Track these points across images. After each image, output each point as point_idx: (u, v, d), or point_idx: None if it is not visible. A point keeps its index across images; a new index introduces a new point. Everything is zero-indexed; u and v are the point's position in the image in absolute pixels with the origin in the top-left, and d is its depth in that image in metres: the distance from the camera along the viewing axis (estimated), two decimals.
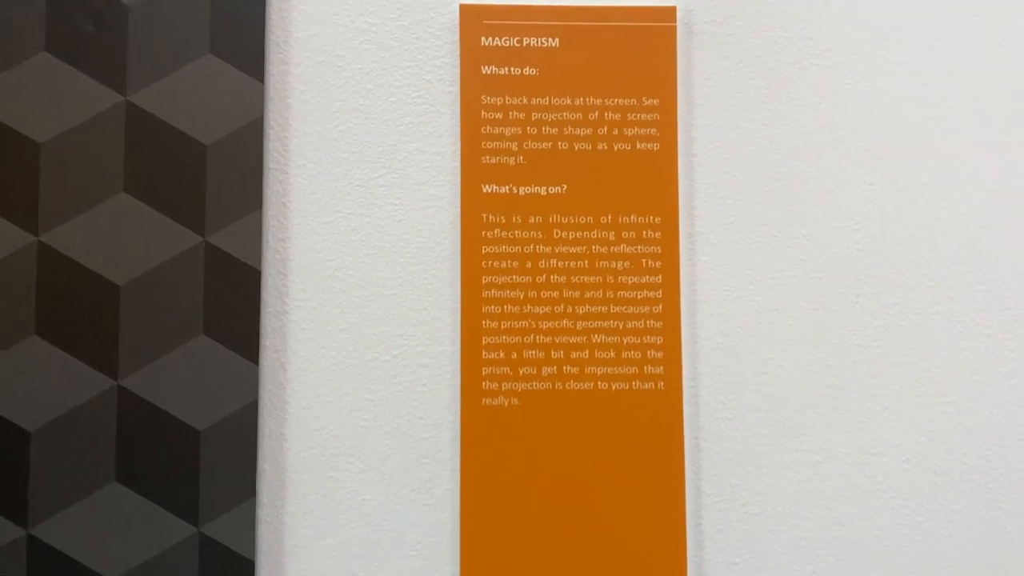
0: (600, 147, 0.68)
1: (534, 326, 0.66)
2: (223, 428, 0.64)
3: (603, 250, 0.67)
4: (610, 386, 0.66)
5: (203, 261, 0.65)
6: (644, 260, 0.67)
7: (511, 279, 0.66)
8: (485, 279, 0.66)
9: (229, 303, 0.65)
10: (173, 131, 0.66)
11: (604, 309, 0.66)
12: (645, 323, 0.66)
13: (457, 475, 0.66)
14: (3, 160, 0.65)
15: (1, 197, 0.65)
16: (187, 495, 0.64)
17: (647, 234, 0.67)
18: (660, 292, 0.67)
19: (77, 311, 0.64)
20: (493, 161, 0.67)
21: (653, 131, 0.68)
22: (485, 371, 0.66)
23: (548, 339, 0.66)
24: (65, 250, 0.65)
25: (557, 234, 0.67)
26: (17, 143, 0.65)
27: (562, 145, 0.68)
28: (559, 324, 0.66)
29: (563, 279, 0.67)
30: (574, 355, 0.66)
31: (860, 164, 0.69)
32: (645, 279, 0.67)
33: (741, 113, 0.69)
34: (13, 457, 0.63)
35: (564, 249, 0.67)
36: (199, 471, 0.64)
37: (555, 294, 0.67)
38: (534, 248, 0.67)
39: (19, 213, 0.65)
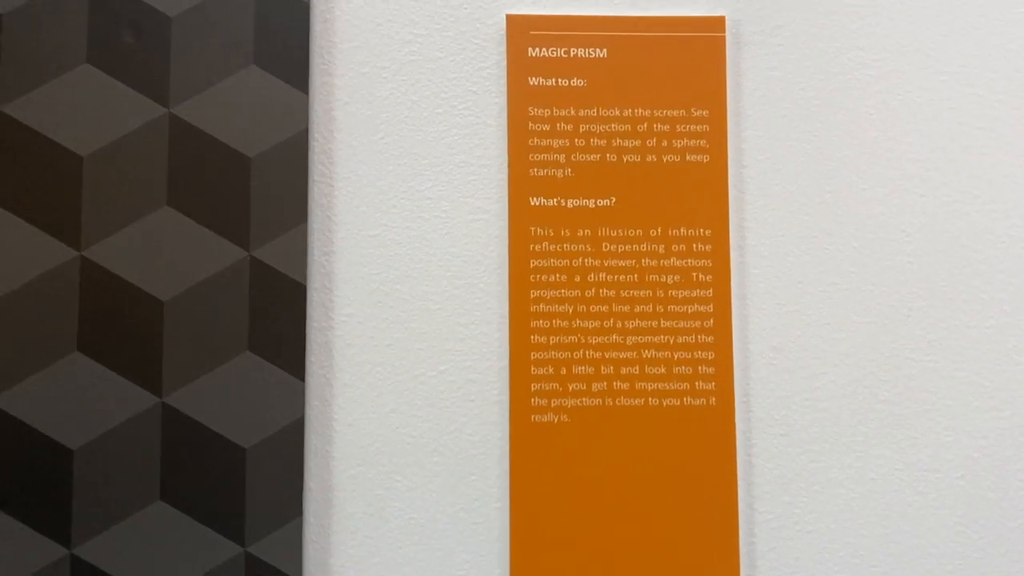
0: (649, 159, 0.67)
1: (583, 341, 0.65)
2: (269, 446, 0.63)
3: (653, 263, 0.66)
4: (661, 402, 0.65)
5: (248, 276, 0.64)
6: (695, 274, 0.66)
7: (559, 293, 0.65)
8: (533, 293, 0.65)
9: (274, 318, 0.64)
10: (217, 143, 0.65)
11: (654, 324, 0.65)
12: (696, 338, 0.65)
13: (505, 493, 0.64)
14: (46, 173, 0.64)
15: (43, 211, 0.64)
16: (233, 514, 0.62)
17: (697, 247, 0.66)
18: (711, 306, 0.66)
19: (120, 327, 0.63)
20: (541, 173, 0.66)
21: (703, 142, 0.67)
22: (534, 387, 0.65)
23: (598, 354, 0.65)
24: (108, 265, 0.64)
25: (606, 247, 0.66)
26: (60, 156, 0.64)
27: (610, 157, 0.67)
28: (609, 339, 0.65)
29: (612, 293, 0.66)
30: (624, 371, 0.65)
31: (911, 175, 0.68)
32: (696, 293, 0.66)
33: (791, 124, 0.68)
34: (56, 476, 0.62)
35: (613, 263, 0.66)
36: (245, 490, 0.63)
37: (604, 308, 0.65)
38: (583, 262, 0.66)
39: (61, 227, 0.64)
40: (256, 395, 0.63)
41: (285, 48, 0.66)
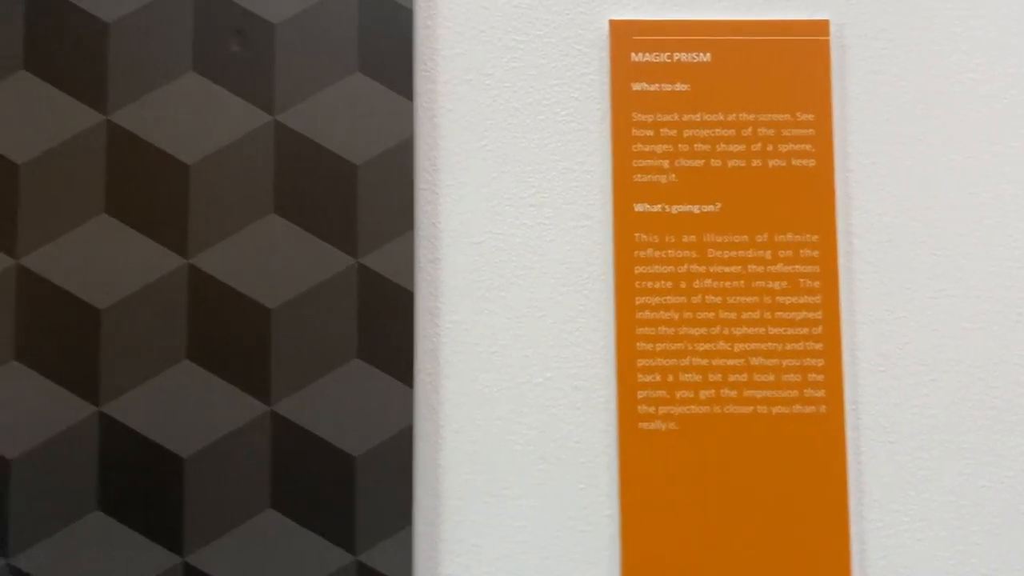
0: (754, 163, 0.66)
1: (690, 348, 0.65)
2: (378, 454, 0.63)
3: (759, 270, 0.65)
4: (770, 410, 0.64)
5: (356, 283, 0.64)
6: (802, 280, 0.65)
7: (665, 300, 0.65)
8: (639, 300, 0.65)
9: (382, 325, 0.64)
10: (323, 151, 0.65)
11: (762, 331, 0.65)
12: (804, 345, 0.65)
13: (613, 500, 0.64)
14: (153, 182, 0.64)
15: (151, 219, 0.64)
16: (343, 522, 0.62)
17: (804, 253, 0.65)
18: (819, 313, 0.65)
19: (229, 335, 0.63)
20: (645, 179, 0.66)
21: (808, 147, 0.66)
22: (641, 395, 0.64)
23: (705, 362, 0.65)
24: (216, 273, 0.64)
25: (711, 253, 0.65)
26: (166, 165, 0.64)
27: (715, 162, 0.66)
28: (716, 346, 0.65)
29: (719, 300, 0.65)
30: (733, 378, 0.64)
31: (1018, 179, 0.67)
32: (804, 299, 0.65)
33: (896, 127, 0.67)
34: (168, 483, 0.62)
35: (719, 269, 0.65)
36: (355, 498, 0.63)
37: (711, 315, 0.65)
38: (688, 268, 0.65)
39: (169, 236, 0.64)
40: (365, 403, 0.63)
41: (389, 55, 0.66)
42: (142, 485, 0.62)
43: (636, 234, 0.65)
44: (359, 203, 0.65)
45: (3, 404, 0.62)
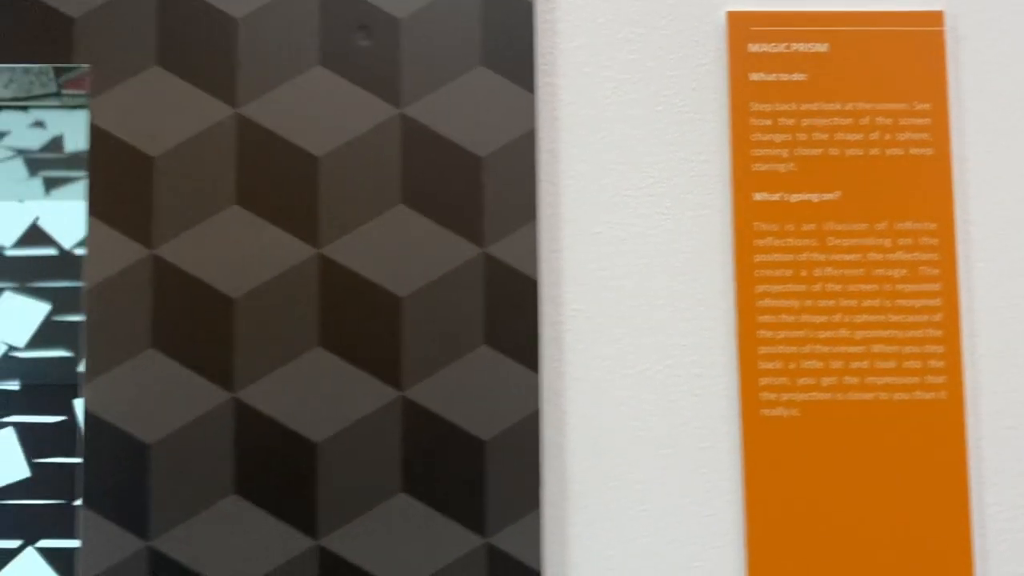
0: (872, 152, 0.67)
1: (811, 336, 0.65)
2: (506, 438, 0.64)
3: (879, 257, 0.66)
4: (891, 396, 0.65)
5: (482, 272, 0.65)
6: (921, 267, 0.66)
7: (785, 288, 0.66)
8: (759, 288, 0.66)
9: (508, 313, 0.65)
10: (448, 143, 0.66)
11: (882, 318, 0.65)
12: (924, 332, 0.65)
13: (736, 485, 0.65)
14: (283, 174, 0.66)
15: (282, 210, 0.65)
16: (473, 506, 0.64)
17: (923, 240, 0.66)
18: (939, 300, 0.66)
19: (359, 323, 0.65)
20: (763, 168, 0.67)
21: (926, 136, 0.67)
22: (763, 381, 0.65)
23: (826, 349, 0.65)
24: (346, 262, 0.65)
25: (831, 242, 0.66)
26: (296, 157, 0.66)
27: (833, 151, 0.67)
28: (836, 334, 0.65)
29: (839, 288, 0.66)
30: (854, 365, 0.65)
31: None
32: (923, 287, 0.66)
33: (1011, 116, 0.68)
34: (301, 468, 0.64)
35: (839, 257, 0.66)
36: (484, 482, 0.64)
37: (831, 303, 0.66)
38: (808, 256, 0.66)
39: (300, 226, 0.65)
40: (493, 388, 0.64)
41: (511, 49, 0.67)
42: (277, 469, 0.64)
43: (755, 223, 0.66)
44: (484, 194, 0.66)
45: (142, 391, 0.64)
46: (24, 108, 0.72)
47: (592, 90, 0.68)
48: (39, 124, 0.89)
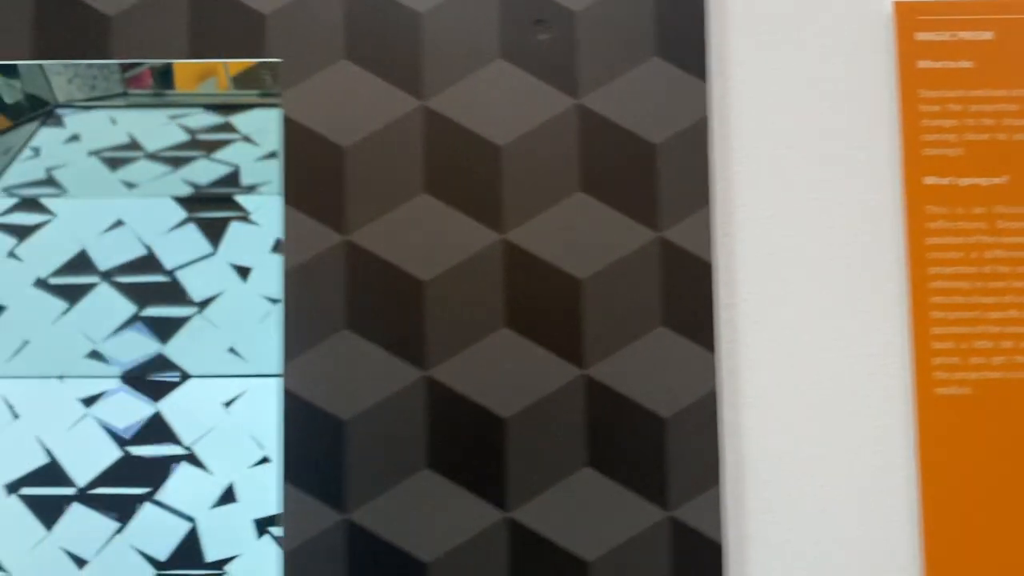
0: None
1: (982, 316, 0.67)
2: (686, 416, 0.66)
3: None
4: None
5: (658, 255, 0.68)
6: None
7: (956, 270, 0.67)
8: (931, 270, 0.67)
9: (684, 295, 0.67)
10: (624, 132, 0.69)
11: None
12: None
13: (910, 461, 0.67)
14: (468, 163, 0.69)
15: (467, 198, 0.68)
16: (655, 480, 0.66)
17: None
18: None
19: (543, 304, 0.68)
20: (933, 153, 0.68)
21: None
22: (936, 361, 0.67)
23: (997, 329, 0.67)
24: (529, 247, 0.68)
25: (1000, 224, 0.68)
26: (480, 146, 0.69)
27: (1000, 136, 0.68)
28: (1007, 314, 0.67)
29: (1008, 269, 0.67)
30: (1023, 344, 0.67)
31: None
32: None
33: None
34: (490, 443, 0.67)
35: (1008, 239, 0.68)
36: (665, 458, 0.66)
37: (1001, 284, 0.67)
38: (977, 239, 0.68)
39: (484, 213, 0.68)
40: (671, 368, 0.67)
41: (683, 39, 0.69)
42: (467, 444, 0.66)
43: (927, 206, 0.68)
44: (658, 181, 0.68)
45: (337, 369, 0.67)
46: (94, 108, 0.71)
47: (762, 78, 0.70)
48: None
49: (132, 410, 0.67)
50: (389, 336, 0.67)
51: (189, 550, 0.66)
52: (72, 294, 0.67)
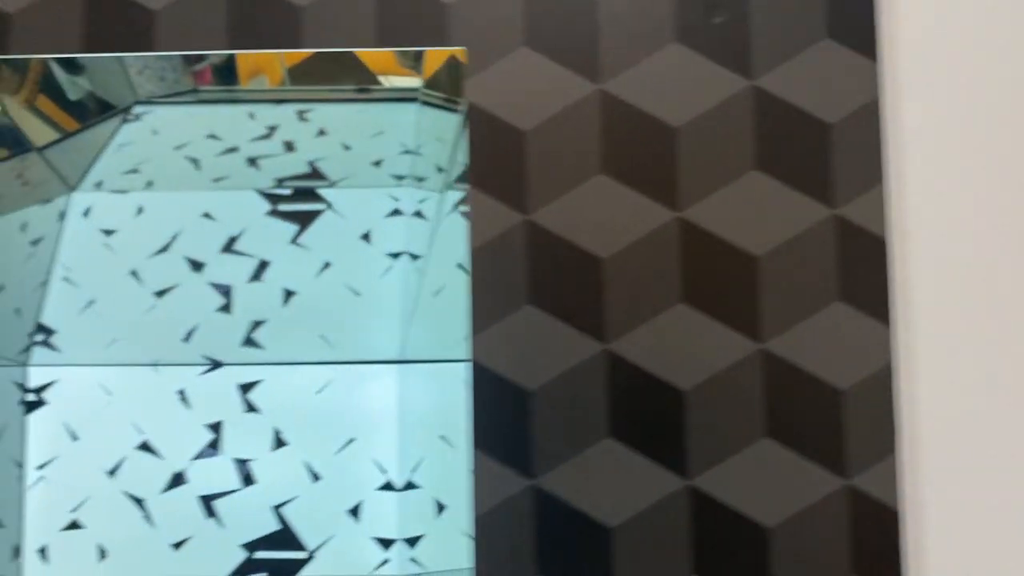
0: None
1: None
2: (863, 388, 0.68)
3: None
4: None
5: (833, 232, 0.70)
6: None
7: None
8: None
9: (859, 271, 0.69)
10: (797, 111, 0.71)
11: None
12: None
13: None
14: (643, 144, 0.71)
15: (644, 178, 0.71)
16: (834, 450, 0.68)
17: None
18: None
19: (719, 280, 0.70)
20: None
21: None
22: None
23: None
24: (705, 225, 0.70)
25: None
26: (655, 128, 0.71)
27: None
28: None
29: None
30: None
31: None
32: None
33: None
34: (670, 414, 0.69)
35: None
36: (843, 428, 0.68)
37: None
38: None
39: (660, 192, 0.71)
40: (847, 341, 0.69)
41: (854, 19, 0.71)
42: (648, 415, 0.69)
43: None
44: (832, 159, 0.70)
45: (521, 343, 0.70)
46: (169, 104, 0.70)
47: (932, 58, 0.71)
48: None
49: (222, 398, 0.65)
50: (570, 311, 0.70)
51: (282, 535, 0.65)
52: (163, 284, 0.66)
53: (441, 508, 0.68)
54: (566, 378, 0.70)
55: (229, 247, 0.67)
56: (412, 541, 0.65)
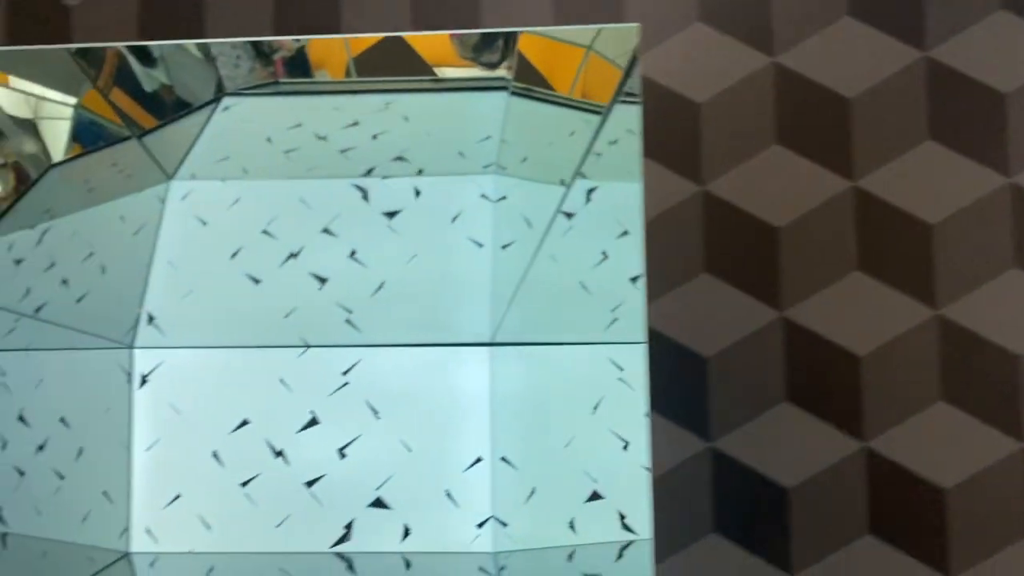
0: None
1: None
2: None
3: None
4: None
5: (1010, 202, 0.71)
6: None
7: None
8: None
9: None
10: (971, 81, 0.72)
11: None
12: None
13: None
14: (816, 115, 0.73)
15: (817, 149, 0.72)
16: (1010, 412, 0.69)
17: None
18: None
19: (893, 250, 0.71)
20: None
21: None
22: None
23: None
24: (880, 194, 0.72)
25: None
26: (827, 98, 0.73)
27: None
28: None
29: None
30: None
31: None
32: None
33: None
34: (846, 379, 0.71)
35: None
36: (1019, 391, 0.69)
37: None
38: None
39: (835, 162, 0.72)
40: (1023, 307, 0.70)
41: None
42: (824, 380, 0.71)
43: None
44: (1007, 128, 0.71)
45: (698, 310, 0.72)
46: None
47: None
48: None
49: (324, 376, 0.62)
50: (746, 279, 0.72)
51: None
52: (261, 269, 0.65)
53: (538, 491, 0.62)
54: (742, 344, 0.72)
55: (324, 233, 0.64)
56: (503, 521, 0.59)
